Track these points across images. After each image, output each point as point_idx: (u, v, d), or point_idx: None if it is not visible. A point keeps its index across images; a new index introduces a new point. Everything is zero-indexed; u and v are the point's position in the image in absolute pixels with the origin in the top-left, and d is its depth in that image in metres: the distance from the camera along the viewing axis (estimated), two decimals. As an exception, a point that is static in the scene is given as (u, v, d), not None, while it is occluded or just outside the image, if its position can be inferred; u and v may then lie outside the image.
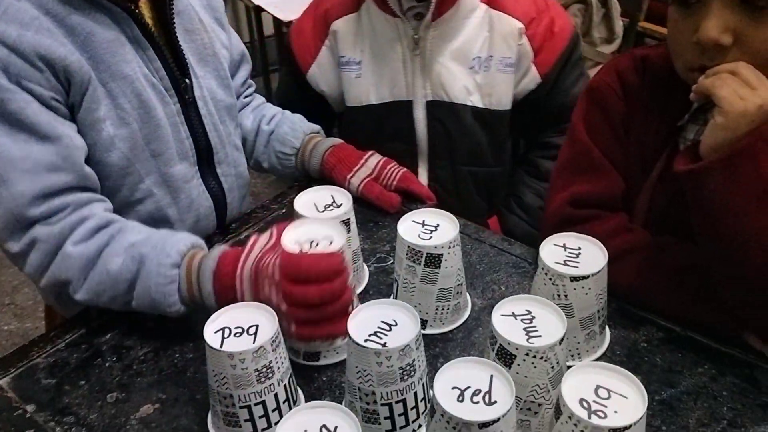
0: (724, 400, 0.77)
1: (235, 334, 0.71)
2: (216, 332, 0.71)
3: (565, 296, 0.78)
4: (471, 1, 1.16)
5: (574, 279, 0.77)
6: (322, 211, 0.90)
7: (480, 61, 1.17)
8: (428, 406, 0.67)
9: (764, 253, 0.75)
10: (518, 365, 0.69)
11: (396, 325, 0.71)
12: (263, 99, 1.26)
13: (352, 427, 0.62)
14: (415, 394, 0.72)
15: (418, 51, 1.17)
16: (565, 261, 0.79)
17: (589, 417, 0.61)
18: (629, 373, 0.65)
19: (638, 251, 0.88)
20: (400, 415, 0.72)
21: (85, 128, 0.90)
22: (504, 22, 1.17)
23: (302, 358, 0.85)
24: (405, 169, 1.13)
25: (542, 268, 0.79)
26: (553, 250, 0.81)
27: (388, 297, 0.92)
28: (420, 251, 0.83)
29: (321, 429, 0.62)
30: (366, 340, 0.69)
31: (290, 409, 0.74)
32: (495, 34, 1.17)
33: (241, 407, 0.71)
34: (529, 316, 0.72)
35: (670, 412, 0.76)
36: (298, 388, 0.78)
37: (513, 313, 0.73)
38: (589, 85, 0.99)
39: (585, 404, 0.63)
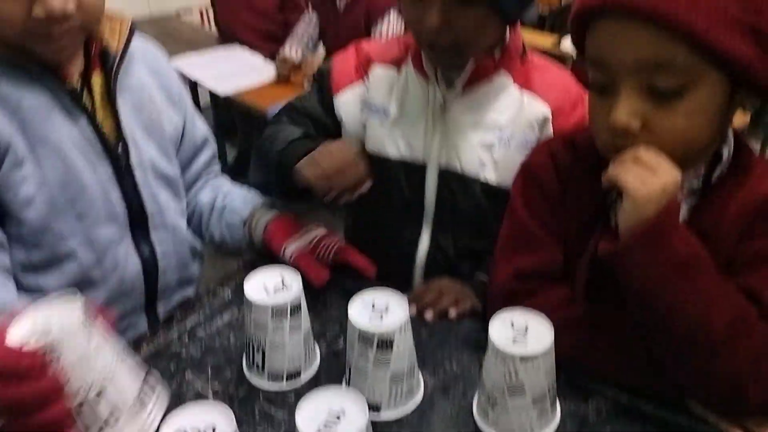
0: (672, 468, 0.79)
1: None
2: None
3: (516, 376, 0.79)
4: (503, 79, 1.16)
5: (523, 359, 0.78)
6: (272, 294, 0.90)
7: (501, 139, 1.16)
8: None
9: (686, 324, 0.79)
10: None
11: (344, 413, 0.71)
12: (226, 179, 1.31)
13: None
14: None
15: (443, 118, 1.17)
16: (513, 339, 0.81)
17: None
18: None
19: (580, 323, 0.91)
20: None
21: (3, 186, 0.94)
22: (533, 106, 1.15)
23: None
24: (343, 243, 1.14)
25: (492, 350, 0.81)
26: (501, 329, 0.83)
27: (340, 381, 0.92)
28: (371, 336, 0.83)
29: None
30: (318, 431, 0.68)
31: None
32: (522, 114, 1.15)
33: None
34: None
35: (624, 484, 0.77)
36: None
37: None
38: (524, 164, 1.04)
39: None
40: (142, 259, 1.06)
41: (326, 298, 1.09)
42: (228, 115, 3.09)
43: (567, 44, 2.79)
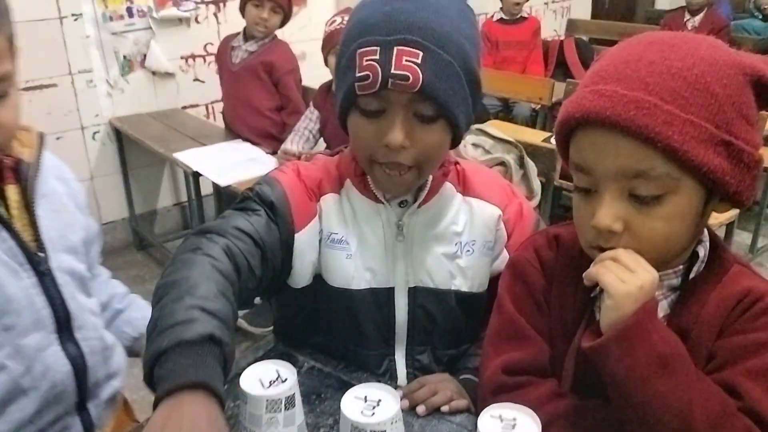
0: None
1: None
2: None
3: (505, 469, 0.81)
4: (450, 189, 1.18)
5: (511, 452, 0.80)
6: (267, 387, 0.92)
7: (462, 246, 1.17)
8: None
9: (667, 418, 0.81)
10: None
11: None
12: (109, 274, 1.36)
13: None
14: None
15: (402, 237, 1.15)
16: (502, 433, 0.83)
17: None
18: None
19: (568, 418, 0.93)
20: None
21: None
22: (483, 208, 1.18)
23: None
24: None
25: (481, 442, 0.83)
26: (490, 422, 0.85)
27: (333, 474, 0.93)
28: (363, 429, 0.85)
29: None
30: None
31: None
32: (476, 219, 1.18)
33: None
34: None
35: None
36: None
37: None
38: (510, 260, 1.09)
39: None
40: (71, 361, 1.08)
41: (321, 389, 1.11)
42: (228, 204, 3.18)
43: (557, 139, 2.91)
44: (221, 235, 1.03)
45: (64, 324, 1.08)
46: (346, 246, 1.15)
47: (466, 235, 1.18)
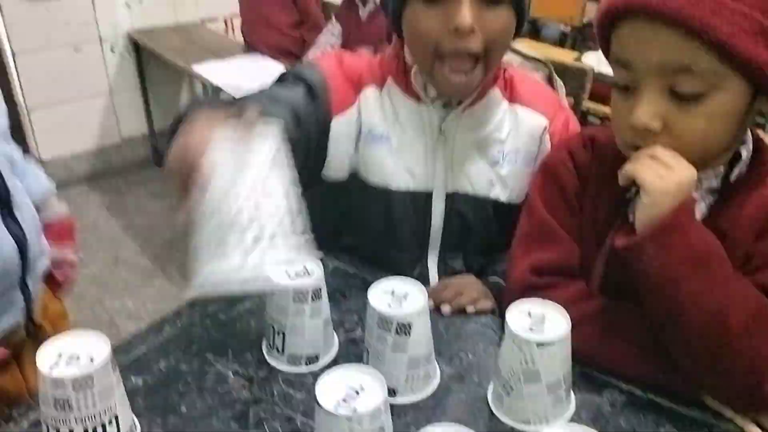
0: (686, 459, 0.80)
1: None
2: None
3: (532, 362, 0.81)
4: (496, 94, 1.13)
5: (540, 345, 0.80)
6: (293, 279, 0.92)
7: (504, 155, 1.13)
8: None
9: (703, 317, 0.80)
10: None
11: (363, 389, 0.73)
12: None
13: None
14: None
15: (443, 140, 1.11)
16: (530, 327, 0.82)
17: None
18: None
19: (597, 318, 0.92)
20: None
21: None
22: (529, 118, 1.15)
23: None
24: None
25: (509, 335, 0.82)
26: (518, 317, 0.84)
27: (360, 363, 0.93)
28: (390, 320, 0.85)
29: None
30: (336, 407, 0.70)
31: None
32: (521, 128, 1.14)
33: None
34: None
35: (637, 473, 0.78)
36: None
37: None
38: (543, 162, 1.06)
39: (558, 466, 0.65)
40: (14, 238, 1.09)
41: (345, 289, 1.11)
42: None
43: (587, 59, 2.81)
44: (253, 98, 1.02)
45: (5, 202, 1.10)
46: (386, 142, 1.12)
47: (509, 144, 1.14)
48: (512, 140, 1.14)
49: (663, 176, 0.81)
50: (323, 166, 1.14)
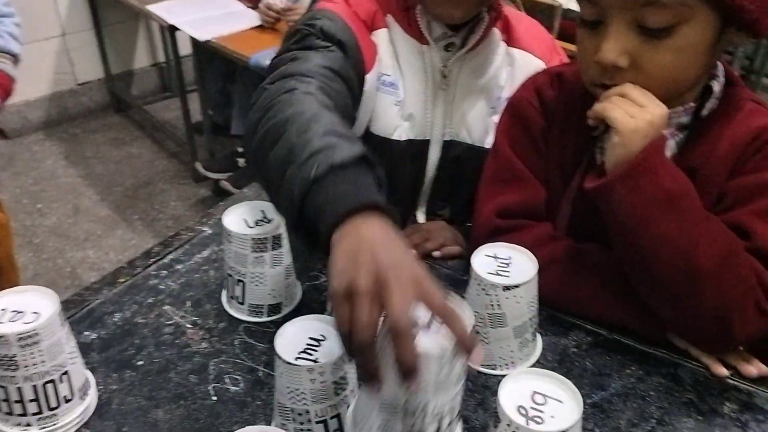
0: (651, 399, 0.80)
1: None
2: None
3: (498, 305, 0.79)
4: (497, 36, 1.06)
5: (506, 288, 0.78)
6: (252, 227, 0.88)
7: (501, 102, 1.07)
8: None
9: (673, 257, 0.78)
10: None
11: (324, 339, 0.71)
12: None
13: None
14: (348, 407, 0.71)
15: (445, 85, 1.05)
16: (497, 271, 0.80)
17: (527, 423, 0.62)
18: (564, 378, 0.66)
19: (563, 260, 0.91)
20: (335, 431, 0.70)
21: None
22: (527, 61, 1.08)
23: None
24: None
25: (475, 279, 0.80)
26: (484, 261, 0.82)
27: (321, 314, 0.91)
28: (353, 267, 0.82)
29: (260, 454, 0.60)
30: (296, 358, 0.68)
31: None
32: (517, 72, 1.07)
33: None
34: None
35: (602, 414, 0.78)
36: None
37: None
38: (509, 101, 1.02)
39: (522, 411, 0.64)
40: None
41: (308, 235, 1.08)
42: (211, 64, 3.02)
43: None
44: (310, 77, 0.87)
45: None
46: (395, 91, 1.05)
47: (507, 91, 1.08)
48: (509, 86, 1.08)
49: (634, 115, 0.78)
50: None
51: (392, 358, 0.56)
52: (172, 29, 2.69)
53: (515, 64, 1.08)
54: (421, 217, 1.16)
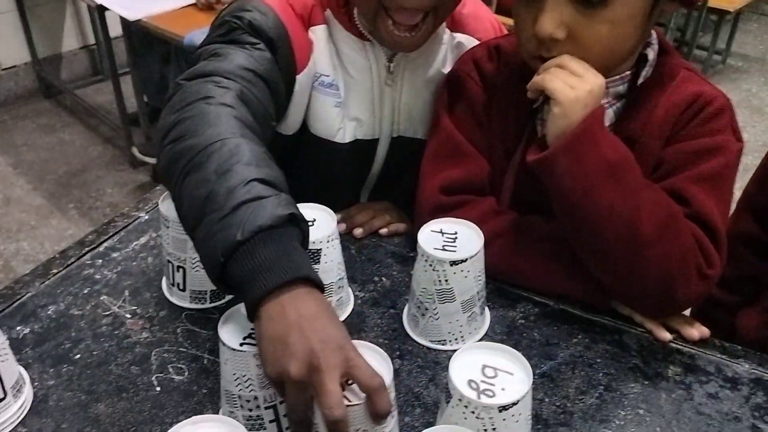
0: (598, 366, 0.81)
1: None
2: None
3: (446, 281, 0.78)
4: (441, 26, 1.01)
5: (453, 263, 0.77)
6: None
7: None
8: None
9: (616, 226, 0.79)
10: None
11: None
12: None
13: None
14: None
15: (391, 81, 1.00)
16: (443, 246, 0.80)
17: (479, 397, 0.62)
18: (512, 349, 0.66)
19: (508, 233, 0.91)
20: (285, 415, 0.69)
21: None
22: (470, 44, 1.04)
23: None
24: None
25: (422, 255, 0.79)
26: (430, 236, 0.81)
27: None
28: (297, 248, 0.80)
29: (207, 444, 0.58)
30: (241, 344, 0.66)
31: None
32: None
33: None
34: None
35: (551, 383, 0.79)
36: None
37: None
38: (448, 75, 1.01)
39: (473, 385, 0.64)
40: None
41: (250, 218, 1.05)
42: (143, 45, 2.91)
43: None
44: (229, 79, 0.83)
45: None
46: (335, 92, 0.99)
47: None
48: None
49: (573, 85, 0.78)
50: (280, 123, 1.00)
51: None
52: (101, 9, 2.58)
53: (460, 49, 1.05)
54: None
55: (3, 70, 3.37)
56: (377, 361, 0.65)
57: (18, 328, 0.83)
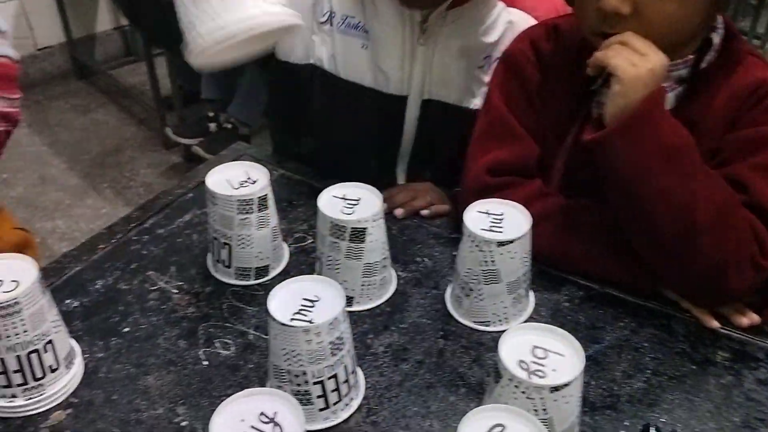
0: (645, 351, 0.80)
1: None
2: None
3: (492, 261, 0.78)
4: None
5: (500, 244, 0.77)
6: (237, 188, 0.85)
7: (491, 61, 1.03)
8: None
9: (671, 211, 0.78)
10: None
11: (318, 300, 0.69)
12: None
13: (292, 411, 0.59)
14: (345, 367, 0.70)
15: (423, 42, 1.01)
16: (490, 227, 0.79)
17: (529, 377, 0.62)
18: (563, 331, 0.66)
19: (555, 216, 0.90)
20: (333, 391, 0.69)
21: None
22: (524, 22, 1.04)
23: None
24: None
25: (468, 236, 0.79)
26: (477, 217, 0.81)
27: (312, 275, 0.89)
28: (344, 226, 0.80)
29: (259, 416, 0.59)
30: (291, 319, 0.66)
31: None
32: (512, 34, 1.03)
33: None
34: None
35: (597, 366, 0.78)
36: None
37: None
38: (504, 54, 1.00)
39: (524, 365, 0.63)
40: None
41: (292, 198, 1.05)
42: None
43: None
44: None
45: None
46: (362, 34, 1.02)
47: (498, 50, 1.03)
48: (503, 47, 1.03)
49: (636, 63, 0.77)
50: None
51: None
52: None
53: (513, 24, 1.04)
54: (401, 178, 1.14)
55: (38, 51, 3.40)
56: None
57: (67, 301, 0.85)
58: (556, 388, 0.61)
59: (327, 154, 1.11)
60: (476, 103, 1.06)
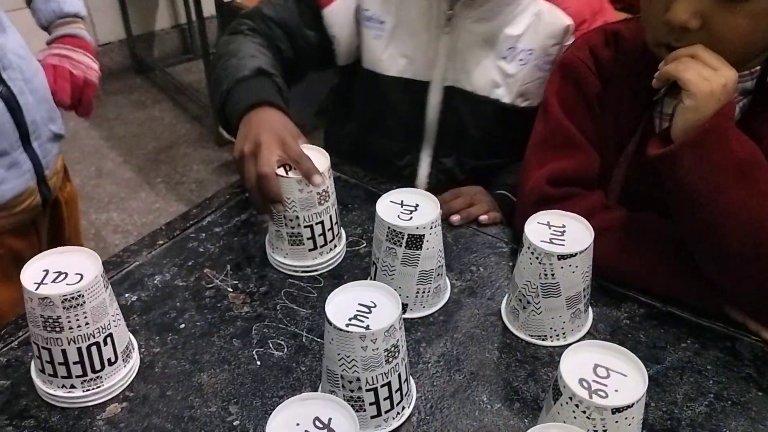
0: (708, 374, 0.77)
1: None
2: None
3: (552, 275, 0.76)
4: None
5: (561, 257, 0.75)
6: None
7: (515, 53, 1.04)
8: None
9: (741, 229, 0.75)
10: None
11: (375, 306, 0.68)
12: None
13: (347, 418, 0.59)
14: (399, 375, 0.69)
15: (449, 29, 1.03)
16: (550, 239, 0.77)
17: (590, 397, 0.60)
18: (626, 350, 0.64)
19: (617, 229, 0.87)
20: (385, 399, 0.69)
21: None
22: (553, 16, 1.03)
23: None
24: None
25: (528, 247, 0.77)
26: (537, 229, 0.79)
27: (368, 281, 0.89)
28: (401, 232, 0.79)
29: (314, 421, 0.59)
30: (347, 325, 0.65)
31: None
32: (540, 27, 1.03)
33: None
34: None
35: (658, 388, 0.75)
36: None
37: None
38: (561, 61, 0.98)
39: (585, 384, 0.62)
40: (3, 98, 1.01)
41: (347, 201, 1.05)
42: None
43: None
44: (249, 18, 1.11)
45: None
46: (377, 25, 1.08)
47: (524, 42, 1.03)
48: (528, 38, 1.03)
49: (708, 78, 0.74)
50: (333, 53, 1.14)
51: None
52: (197, -11, 2.64)
53: (540, 17, 1.03)
54: (425, 163, 1.15)
55: (99, 47, 3.50)
56: (316, 152, 0.89)
57: (126, 295, 0.86)
58: (618, 410, 0.59)
59: (356, 136, 1.20)
60: (499, 93, 1.07)
